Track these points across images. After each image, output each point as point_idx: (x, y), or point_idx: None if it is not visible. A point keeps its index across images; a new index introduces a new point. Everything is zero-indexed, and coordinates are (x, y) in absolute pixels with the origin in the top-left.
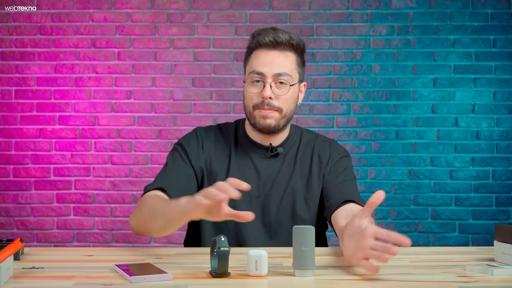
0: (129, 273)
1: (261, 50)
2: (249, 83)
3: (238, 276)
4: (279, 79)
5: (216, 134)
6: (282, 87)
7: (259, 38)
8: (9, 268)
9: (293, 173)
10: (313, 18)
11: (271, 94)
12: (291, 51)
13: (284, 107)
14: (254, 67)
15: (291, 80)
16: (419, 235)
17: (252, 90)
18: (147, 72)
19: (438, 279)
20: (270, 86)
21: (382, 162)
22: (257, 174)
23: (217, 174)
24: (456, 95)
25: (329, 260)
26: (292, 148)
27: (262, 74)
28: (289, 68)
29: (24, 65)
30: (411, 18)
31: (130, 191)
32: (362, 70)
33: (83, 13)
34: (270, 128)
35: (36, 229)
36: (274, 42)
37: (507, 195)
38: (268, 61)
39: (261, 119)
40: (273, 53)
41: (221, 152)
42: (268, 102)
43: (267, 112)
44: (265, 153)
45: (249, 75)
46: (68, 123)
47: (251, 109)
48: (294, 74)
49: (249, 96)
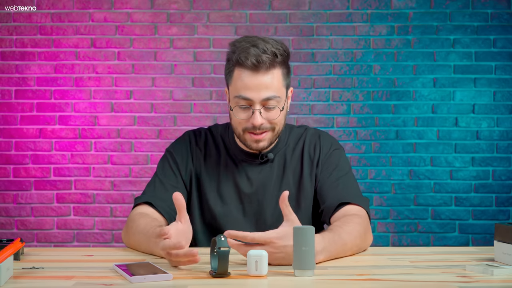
0: (129, 273)
1: (245, 71)
2: (236, 108)
3: (238, 276)
4: (267, 103)
5: (206, 139)
6: (272, 110)
7: (241, 58)
8: (9, 268)
9: (284, 177)
10: (313, 18)
11: (262, 120)
12: (276, 67)
13: (277, 125)
14: (239, 91)
15: (281, 102)
16: (419, 235)
17: (241, 116)
18: (147, 72)
19: (438, 279)
20: (259, 112)
21: (382, 162)
22: (249, 181)
23: (207, 181)
24: (456, 95)
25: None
26: (282, 152)
27: (250, 100)
28: (276, 88)
29: (24, 65)
30: (411, 18)
31: (130, 191)
32: (362, 70)
33: (83, 13)
34: (263, 149)
35: (36, 229)
36: (257, 64)
37: (507, 195)
38: (254, 85)
39: (253, 143)
40: (258, 75)
41: (211, 158)
42: (259, 127)
43: (259, 137)
44: (254, 160)
45: (235, 99)
46: (68, 123)
47: (241, 131)
48: (282, 91)
49: (237, 121)
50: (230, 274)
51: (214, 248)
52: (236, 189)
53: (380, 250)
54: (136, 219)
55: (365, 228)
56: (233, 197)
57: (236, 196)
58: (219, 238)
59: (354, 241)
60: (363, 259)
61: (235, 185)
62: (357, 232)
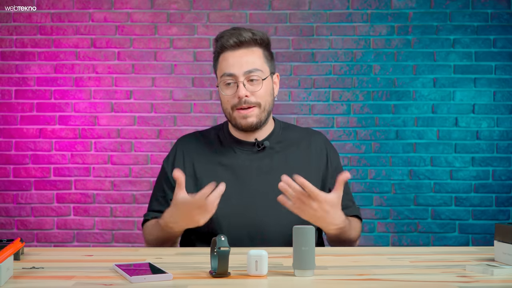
0: (129, 273)
1: (227, 52)
2: (222, 86)
3: (238, 276)
4: (250, 76)
5: (197, 140)
6: (255, 84)
7: (223, 41)
8: (9, 268)
9: (286, 164)
10: (313, 18)
11: (246, 92)
12: (256, 46)
13: (262, 101)
14: (224, 70)
15: (262, 75)
16: (419, 235)
17: (227, 92)
18: (147, 72)
19: (438, 279)
20: (243, 84)
21: (382, 162)
22: (247, 170)
23: (203, 178)
24: (456, 95)
25: (329, 260)
26: (279, 141)
27: (233, 74)
28: (258, 64)
29: (24, 65)
30: (411, 18)
31: (130, 191)
32: (362, 70)
33: (83, 13)
34: (252, 125)
35: (36, 229)
36: (238, 42)
37: (507, 195)
38: (236, 61)
39: (242, 120)
40: (239, 52)
41: (204, 156)
42: (245, 100)
43: (247, 112)
44: (251, 148)
45: (221, 79)
46: (68, 123)
47: (230, 111)
48: (264, 68)
49: (225, 99)
50: (230, 274)
51: (214, 248)
52: (235, 179)
53: (380, 250)
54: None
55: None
56: (231, 186)
57: (235, 184)
58: (219, 238)
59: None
60: (363, 259)
61: (233, 176)
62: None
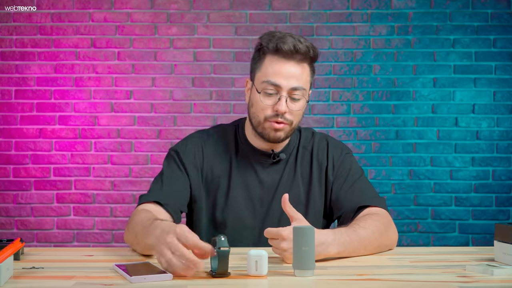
0: (129, 273)
1: (278, 58)
2: (262, 92)
3: (238, 276)
4: (293, 93)
5: (215, 140)
6: (296, 102)
7: (279, 44)
8: (9, 268)
9: (294, 180)
10: (313, 18)
11: (286, 109)
12: (307, 61)
13: (295, 120)
14: (269, 77)
15: (305, 95)
16: (419, 235)
17: (266, 101)
18: (147, 72)
19: (438, 279)
20: (285, 100)
21: (382, 162)
22: (260, 183)
23: (219, 182)
24: (456, 95)
25: (329, 260)
26: (292, 153)
27: (278, 86)
28: (303, 81)
29: (24, 65)
30: (411, 18)
31: (130, 191)
32: (362, 70)
33: (83, 13)
34: (279, 140)
35: (36, 229)
36: (294, 51)
37: (507, 195)
38: (285, 72)
39: (271, 132)
40: (290, 64)
41: (221, 159)
42: (281, 116)
43: (279, 126)
44: (267, 160)
45: (263, 84)
46: (68, 123)
47: (262, 119)
48: (307, 86)
49: (261, 107)
50: (230, 274)
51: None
52: (246, 192)
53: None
54: (137, 213)
55: (386, 225)
56: (243, 201)
57: (246, 199)
58: (219, 238)
59: (371, 236)
60: (363, 259)
61: (245, 186)
62: (375, 227)
